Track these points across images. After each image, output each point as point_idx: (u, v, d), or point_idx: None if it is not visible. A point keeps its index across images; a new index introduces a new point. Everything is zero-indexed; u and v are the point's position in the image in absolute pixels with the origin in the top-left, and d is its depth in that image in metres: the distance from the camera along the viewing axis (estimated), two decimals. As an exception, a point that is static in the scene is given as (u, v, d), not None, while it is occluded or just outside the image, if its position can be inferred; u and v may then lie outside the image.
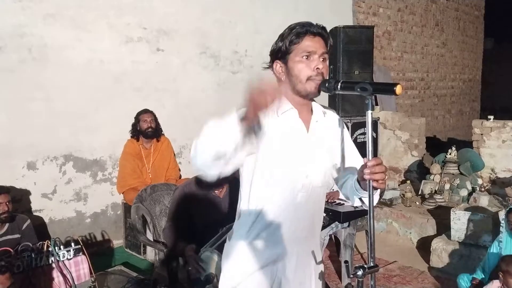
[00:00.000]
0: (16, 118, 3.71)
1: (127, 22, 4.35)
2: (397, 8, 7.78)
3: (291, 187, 1.47)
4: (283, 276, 1.53)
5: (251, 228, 1.50)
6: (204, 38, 4.97)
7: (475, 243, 3.51)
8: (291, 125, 1.48)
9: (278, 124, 1.46)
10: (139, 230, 3.31)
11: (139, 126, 4.20)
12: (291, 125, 1.48)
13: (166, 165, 4.38)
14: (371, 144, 1.25)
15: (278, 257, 1.51)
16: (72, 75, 3.99)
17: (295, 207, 1.49)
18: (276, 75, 1.51)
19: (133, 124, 4.23)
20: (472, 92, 10.72)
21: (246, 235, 1.51)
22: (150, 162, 4.28)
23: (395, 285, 3.45)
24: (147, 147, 4.29)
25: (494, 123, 5.09)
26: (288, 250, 1.51)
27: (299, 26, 1.45)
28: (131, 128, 4.24)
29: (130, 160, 4.18)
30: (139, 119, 4.20)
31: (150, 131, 4.20)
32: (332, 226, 3.32)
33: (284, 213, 1.48)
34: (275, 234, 1.49)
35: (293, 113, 1.48)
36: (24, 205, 3.75)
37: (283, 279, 1.53)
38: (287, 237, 1.50)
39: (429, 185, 4.96)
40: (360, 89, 1.25)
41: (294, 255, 1.53)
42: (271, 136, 1.44)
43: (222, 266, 1.58)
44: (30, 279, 2.35)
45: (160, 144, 4.35)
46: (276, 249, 1.50)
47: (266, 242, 1.49)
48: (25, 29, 3.73)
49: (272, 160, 1.45)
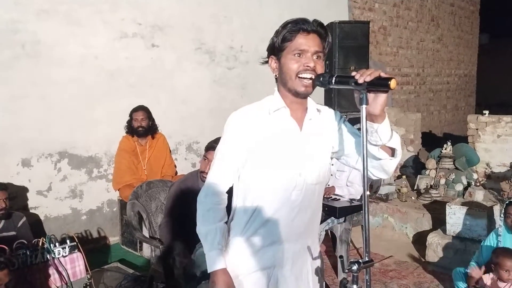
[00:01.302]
0: (10, 115, 3.69)
1: (121, 18, 4.32)
2: (393, 3, 7.77)
3: (284, 186, 1.46)
4: (279, 272, 1.52)
5: (246, 226, 1.50)
6: (200, 33, 4.95)
7: (470, 237, 3.53)
8: (283, 124, 1.47)
9: (270, 123, 1.46)
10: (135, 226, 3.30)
11: (132, 123, 4.19)
12: (282, 124, 1.47)
13: (161, 162, 4.37)
14: (366, 139, 1.25)
15: (275, 254, 1.51)
16: (66, 72, 3.97)
17: (290, 205, 1.48)
18: (271, 70, 1.51)
19: (128, 121, 4.22)
20: (468, 87, 10.76)
21: (241, 233, 1.51)
22: (145, 159, 4.27)
23: (391, 279, 3.47)
24: (142, 143, 4.27)
25: (489, 118, 5.11)
26: (285, 247, 1.51)
27: (293, 23, 1.42)
28: (126, 124, 4.22)
29: (125, 157, 4.17)
30: (132, 117, 4.19)
31: (141, 130, 4.18)
32: (328, 221, 3.32)
33: (279, 211, 1.48)
34: (270, 231, 1.49)
35: (284, 112, 1.47)
36: (19, 202, 3.73)
37: (279, 275, 1.52)
38: (283, 234, 1.50)
39: (424, 180, 4.98)
40: (355, 83, 1.25)
41: (291, 251, 1.53)
42: (262, 135, 1.43)
43: None
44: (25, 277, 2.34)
45: (155, 141, 4.34)
46: (272, 246, 1.50)
47: (262, 239, 1.49)
48: (18, 25, 3.70)
49: (264, 159, 1.45)
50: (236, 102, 5.10)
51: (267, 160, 1.45)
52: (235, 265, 1.51)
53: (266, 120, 1.46)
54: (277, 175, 1.45)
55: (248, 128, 1.46)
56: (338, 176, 3.62)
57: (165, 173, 4.33)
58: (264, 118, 1.46)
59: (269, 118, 1.46)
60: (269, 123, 1.46)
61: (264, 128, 1.45)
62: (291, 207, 1.49)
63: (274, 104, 1.47)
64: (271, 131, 1.45)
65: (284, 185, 1.46)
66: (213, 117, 4.89)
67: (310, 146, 1.50)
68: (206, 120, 4.95)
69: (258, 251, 1.50)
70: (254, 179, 1.47)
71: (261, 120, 1.46)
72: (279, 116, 1.47)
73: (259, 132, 1.45)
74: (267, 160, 1.45)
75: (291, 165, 1.46)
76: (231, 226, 1.55)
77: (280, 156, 1.45)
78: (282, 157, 1.45)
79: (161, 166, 4.36)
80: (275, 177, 1.45)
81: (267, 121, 1.46)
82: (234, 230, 1.53)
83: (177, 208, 2.72)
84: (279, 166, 1.45)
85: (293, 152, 1.46)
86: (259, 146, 1.44)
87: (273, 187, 1.46)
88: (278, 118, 1.47)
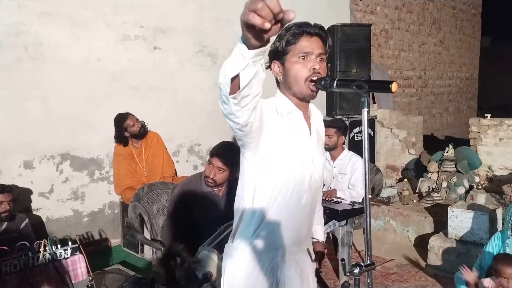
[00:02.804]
0: (13, 117, 3.70)
1: (123, 20, 4.34)
2: (395, 6, 7.78)
3: (297, 189, 1.45)
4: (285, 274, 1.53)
5: (256, 230, 1.46)
6: (201, 36, 4.96)
7: (472, 240, 3.52)
8: (296, 127, 1.46)
9: (283, 126, 1.43)
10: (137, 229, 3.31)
11: (128, 132, 4.08)
12: (296, 127, 1.46)
13: (160, 162, 4.32)
14: (367, 142, 1.25)
15: (281, 257, 1.51)
16: (69, 74, 3.98)
17: (301, 208, 1.48)
18: (274, 75, 1.50)
19: (118, 131, 4.08)
20: (469, 90, 10.74)
21: (252, 237, 1.47)
22: (143, 161, 4.23)
23: (393, 283, 3.46)
24: (137, 146, 4.22)
25: (491, 121, 5.11)
26: (293, 250, 1.52)
27: (296, 27, 1.42)
28: (116, 135, 4.10)
29: (123, 162, 4.14)
30: (125, 126, 4.05)
31: (142, 131, 4.14)
32: (329, 224, 3.32)
33: (290, 215, 1.47)
34: (280, 235, 1.48)
35: (298, 114, 1.47)
36: (21, 204, 3.74)
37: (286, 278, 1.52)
38: (291, 238, 1.50)
39: (426, 183, 4.97)
40: (356, 86, 1.25)
41: (296, 254, 1.54)
42: (276, 137, 1.41)
43: (224, 267, 1.55)
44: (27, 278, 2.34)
45: (150, 140, 4.27)
46: (280, 249, 1.50)
47: (271, 243, 1.48)
48: (21, 28, 3.71)
49: (278, 162, 1.42)
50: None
51: (282, 162, 1.42)
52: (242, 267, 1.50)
53: (279, 122, 1.43)
54: (292, 178, 1.44)
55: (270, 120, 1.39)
56: (340, 179, 3.61)
57: (165, 174, 4.30)
58: (277, 120, 1.43)
59: (282, 121, 1.44)
60: (283, 125, 1.43)
61: (277, 130, 1.41)
62: (301, 211, 1.49)
63: (285, 107, 1.46)
64: (285, 132, 1.43)
65: (298, 188, 1.45)
66: (215, 120, 4.89)
67: (316, 149, 1.52)
68: (207, 122, 4.95)
69: (266, 254, 1.49)
70: (266, 182, 1.43)
71: (273, 122, 1.41)
72: (291, 119, 1.46)
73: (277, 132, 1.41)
74: (282, 162, 1.42)
75: (304, 168, 1.46)
76: (240, 228, 1.51)
77: (295, 159, 1.44)
78: (297, 159, 1.45)
79: (161, 165, 4.31)
80: (290, 179, 1.44)
81: (280, 123, 1.43)
82: (244, 233, 1.49)
83: (179, 210, 2.73)
84: (294, 169, 1.44)
85: (305, 154, 1.47)
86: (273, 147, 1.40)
87: (286, 189, 1.44)
88: (292, 121, 1.45)
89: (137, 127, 4.11)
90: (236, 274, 1.51)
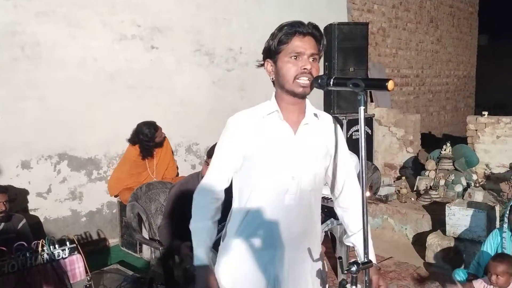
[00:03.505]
0: (10, 117, 3.69)
1: (120, 20, 4.33)
2: (392, 4, 7.79)
3: (277, 189, 1.47)
4: (276, 275, 1.53)
5: (239, 228, 1.51)
6: (199, 35, 4.96)
7: (470, 238, 3.53)
8: (275, 128, 1.47)
9: (262, 126, 1.47)
10: (135, 228, 3.31)
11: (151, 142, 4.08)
12: (275, 128, 1.47)
13: (166, 165, 4.36)
14: (364, 140, 1.25)
15: (272, 255, 1.51)
16: (66, 73, 3.97)
17: (285, 209, 1.48)
18: (267, 73, 1.51)
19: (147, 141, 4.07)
20: (467, 88, 10.77)
21: (236, 234, 1.52)
22: (154, 165, 4.24)
23: (391, 280, 3.47)
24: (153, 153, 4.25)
25: (489, 119, 5.12)
26: (283, 251, 1.52)
27: (288, 26, 1.43)
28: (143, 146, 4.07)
29: (130, 167, 4.13)
30: (156, 135, 4.09)
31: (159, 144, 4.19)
32: (327, 222, 3.32)
33: (274, 214, 1.48)
34: (266, 235, 1.49)
35: (277, 115, 1.47)
36: (19, 205, 3.73)
37: (276, 279, 1.53)
38: (280, 239, 1.50)
39: (424, 181, 4.98)
40: (353, 85, 1.25)
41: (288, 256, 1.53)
42: (255, 138, 1.45)
43: (218, 266, 1.57)
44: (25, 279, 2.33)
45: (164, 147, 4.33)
46: (270, 247, 1.51)
47: (258, 242, 1.50)
48: (17, 27, 3.70)
49: (256, 162, 1.46)
50: (235, 103, 5.11)
51: (259, 164, 1.46)
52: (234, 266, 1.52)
53: (260, 124, 1.47)
54: (269, 178, 1.46)
55: (244, 132, 1.47)
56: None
57: (167, 175, 4.32)
58: (258, 122, 1.47)
59: (262, 122, 1.47)
60: (263, 127, 1.47)
61: (258, 132, 1.46)
62: (286, 211, 1.49)
63: (267, 108, 1.49)
64: (264, 135, 1.46)
65: (276, 188, 1.47)
66: (213, 119, 4.90)
67: (305, 150, 1.49)
68: (205, 121, 4.95)
69: (255, 254, 1.50)
70: (248, 183, 1.49)
71: (255, 124, 1.47)
72: (271, 119, 1.48)
73: (253, 136, 1.46)
74: (259, 164, 1.46)
75: (283, 168, 1.46)
76: (228, 227, 1.56)
77: (271, 159, 1.46)
78: (274, 160, 1.46)
79: (165, 168, 4.34)
80: (267, 180, 1.46)
81: (260, 125, 1.47)
82: (230, 230, 1.55)
83: (177, 210, 2.73)
84: (271, 169, 1.46)
85: (285, 155, 1.46)
86: (253, 150, 1.46)
87: (265, 191, 1.47)
88: (271, 122, 1.47)
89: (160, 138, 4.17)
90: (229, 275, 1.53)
